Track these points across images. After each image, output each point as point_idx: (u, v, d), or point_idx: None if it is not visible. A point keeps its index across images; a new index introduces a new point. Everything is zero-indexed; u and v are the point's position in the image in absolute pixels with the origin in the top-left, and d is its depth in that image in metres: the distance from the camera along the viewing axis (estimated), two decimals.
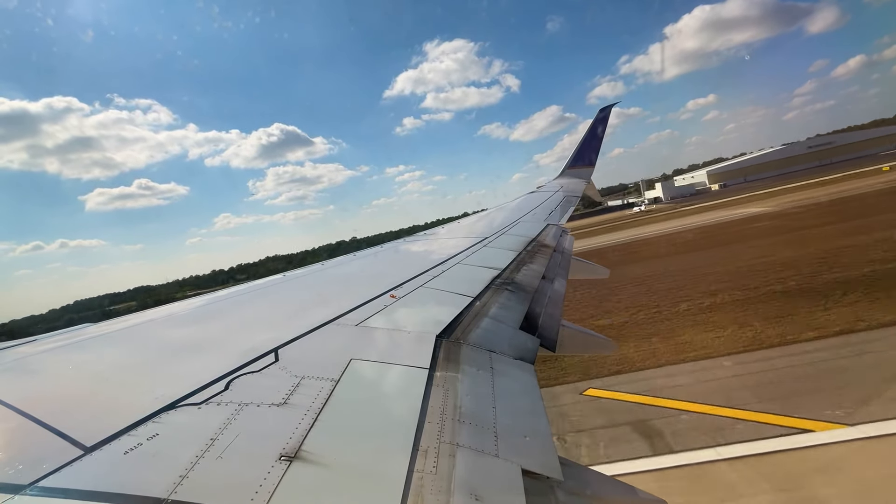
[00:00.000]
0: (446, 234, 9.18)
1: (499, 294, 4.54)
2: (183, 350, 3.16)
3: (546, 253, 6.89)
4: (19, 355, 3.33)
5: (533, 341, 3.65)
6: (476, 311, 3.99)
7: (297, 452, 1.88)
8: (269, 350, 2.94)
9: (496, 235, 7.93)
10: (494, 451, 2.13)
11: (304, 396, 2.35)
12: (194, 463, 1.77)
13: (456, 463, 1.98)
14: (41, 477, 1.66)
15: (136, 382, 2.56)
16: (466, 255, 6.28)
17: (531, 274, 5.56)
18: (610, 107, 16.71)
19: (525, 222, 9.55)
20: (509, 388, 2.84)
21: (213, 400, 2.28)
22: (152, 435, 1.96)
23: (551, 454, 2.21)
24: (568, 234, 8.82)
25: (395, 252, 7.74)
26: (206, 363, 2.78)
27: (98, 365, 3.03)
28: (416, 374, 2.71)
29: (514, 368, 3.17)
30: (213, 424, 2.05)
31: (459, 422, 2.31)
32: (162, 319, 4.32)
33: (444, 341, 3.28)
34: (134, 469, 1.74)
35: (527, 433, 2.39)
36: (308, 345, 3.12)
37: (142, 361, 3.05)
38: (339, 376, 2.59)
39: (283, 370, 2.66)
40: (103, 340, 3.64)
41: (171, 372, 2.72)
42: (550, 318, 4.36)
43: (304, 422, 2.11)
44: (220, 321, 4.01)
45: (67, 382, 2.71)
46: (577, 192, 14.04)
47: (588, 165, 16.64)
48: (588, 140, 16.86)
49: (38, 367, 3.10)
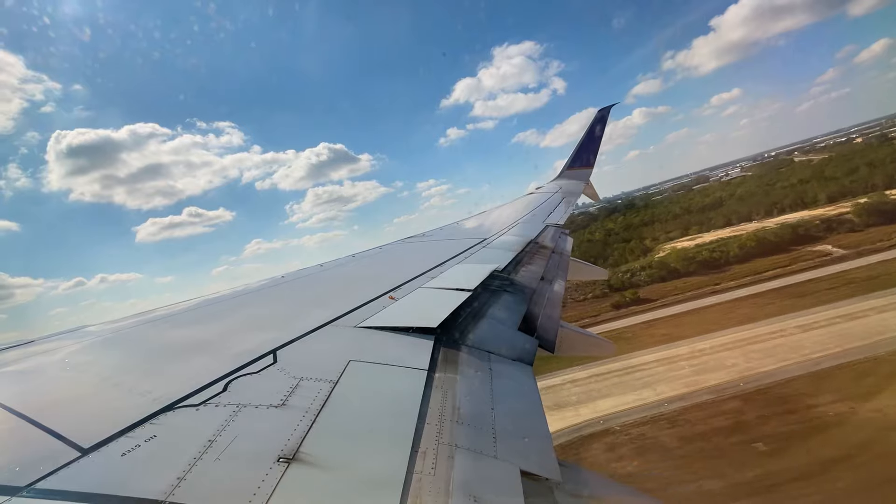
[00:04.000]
0: (445, 236, 9.18)
1: (497, 295, 4.54)
2: (181, 351, 3.15)
3: (545, 254, 6.89)
4: (17, 357, 3.32)
5: (531, 342, 3.65)
6: (475, 313, 3.99)
7: (295, 454, 1.88)
8: (267, 351, 2.93)
9: (495, 237, 7.93)
10: (493, 453, 2.13)
11: (303, 398, 2.34)
12: (192, 465, 1.77)
13: (455, 464, 1.98)
14: (38, 479, 1.66)
15: (133, 384, 2.55)
16: (465, 256, 6.28)
17: (530, 275, 5.56)
18: (608, 108, 16.72)
19: (524, 223, 9.55)
20: (508, 390, 2.84)
21: (211, 401, 2.28)
22: (150, 437, 1.96)
23: (550, 455, 2.21)
24: (567, 235, 8.82)
25: (394, 253, 7.73)
26: (204, 364, 2.78)
27: (96, 366, 3.02)
28: (415, 376, 2.71)
29: (513, 369, 3.17)
30: (211, 426, 2.05)
31: (458, 423, 2.31)
32: (160, 321, 4.31)
33: (443, 343, 3.27)
34: (131, 471, 1.74)
35: (525, 434, 2.40)
36: (307, 346, 3.12)
37: (140, 363, 3.05)
38: (338, 378, 2.59)
39: (282, 371, 2.66)
40: (101, 342, 3.63)
41: (169, 373, 2.72)
42: (549, 319, 4.36)
43: (303, 423, 2.11)
44: (219, 322, 4.00)
45: (65, 384, 2.70)
46: (575, 193, 14.06)
47: (586, 166, 16.65)
48: (586, 141, 16.86)
49: (35, 368, 3.09)
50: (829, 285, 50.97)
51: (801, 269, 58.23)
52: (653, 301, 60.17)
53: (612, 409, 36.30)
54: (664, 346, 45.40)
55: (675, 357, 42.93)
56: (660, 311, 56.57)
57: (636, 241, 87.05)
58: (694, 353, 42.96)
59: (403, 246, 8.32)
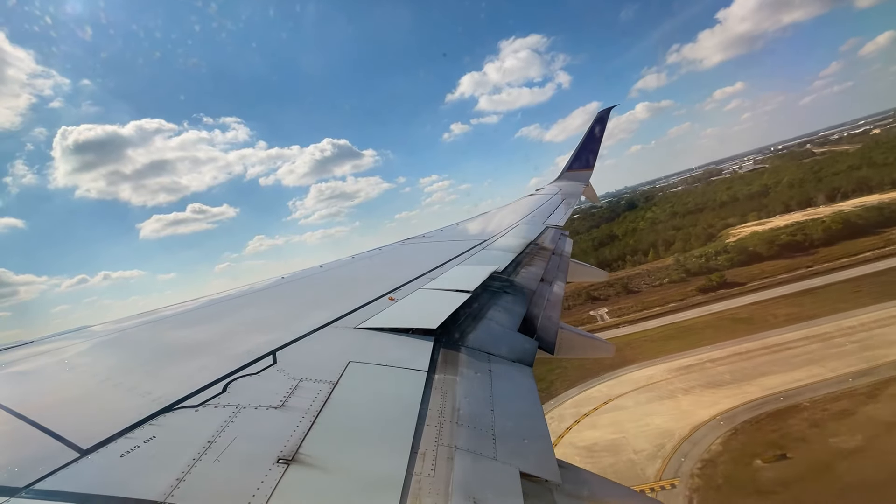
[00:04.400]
0: (446, 237, 9.18)
1: (497, 296, 4.54)
2: (180, 352, 3.15)
3: (545, 255, 6.89)
4: (16, 358, 3.32)
5: (531, 343, 3.64)
6: (474, 314, 3.99)
7: (294, 455, 1.87)
8: (267, 352, 2.93)
9: (495, 238, 7.93)
10: (493, 454, 2.13)
11: (303, 399, 2.34)
12: (191, 466, 1.77)
13: (454, 466, 1.98)
14: (37, 480, 1.65)
15: (133, 385, 2.55)
16: (465, 257, 6.28)
17: (530, 276, 5.56)
18: (608, 110, 16.74)
19: (524, 225, 9.55)
20: (508, 391, 2.84)
21: (210, 402, 2.28)
22: (149, 437, 1.96)
23: (550, 457, 2.21)
24: (567, 237, 8.82)
25: (394, 254, 7.73)
26: (203, 365, 2.78)
27: (95, 367, 3.01)
28: (415, 377, 2.71)
29: (513, 371, 3.17)
30: (210, 427, 2.04)
31: (458, 424, 2.31)
32: (159, 321, 4.31)
33: (443, 344, 3.27)
34: (130, 472, 1.74)
35: (525, 436, 2.39)
36: (306, 347, 3.11)
37: (139, 364, 3.04)
38: (338, 379, 2.59)
39: (282, 372, 2.66)
40: (100, 343, 3.63)
41: (169, 374, 2.72)
42: (549, 321, 4.36)
43: (302, 424, 2.11)
44: (219, 323, 4.00)
45: (64, 385, 2.70)
46: (575, 195, 14.06)
47: (586, 168, 16.65)
48: (586, 143, 16.87)
49: (34, 369, 3.09)
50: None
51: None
52: (743, 284, 58.71)
53: (785, 385, 35.46)
54: (799, 325, 44.25)
55: (823, 335, 41.61)
56: (760, 294, 54.75)
57: (689, 228, 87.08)
58: (843, 329, 41.55)
59: (403, 247, 8.32)
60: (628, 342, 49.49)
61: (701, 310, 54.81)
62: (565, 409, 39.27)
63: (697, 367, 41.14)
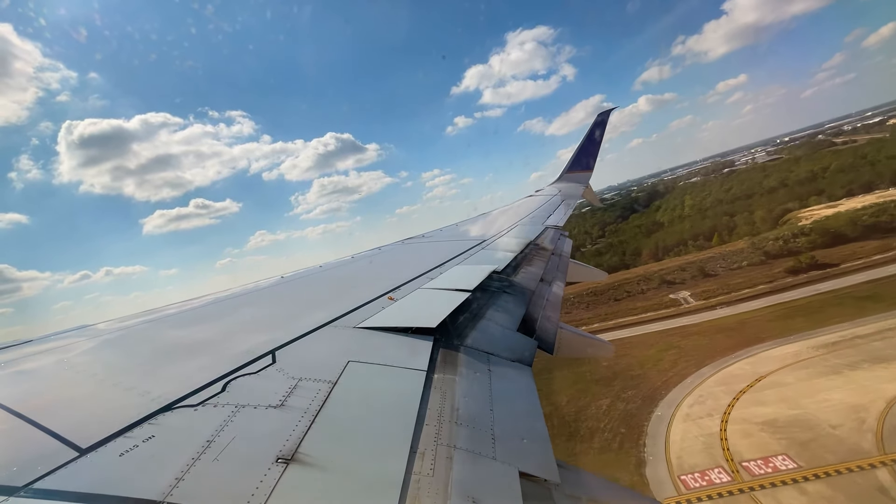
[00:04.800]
0: (445, 237, 9.18)
1: (497, 296, 4.54)
2: (179, 351, 3.14)
3: (544, 256, 6.89)
4: (15, 357, 3.31)
5: (531, 343, 3.64)
6: (474, 313, 3.99)
7: (294, 455, 1.87)
8: (266, 352, 2.93)
9: (494, 238, 7.94)
10: (492, 454, 2.13)
11: (302, 398, 2.34)
12: (190, 465, 1.77)
13: (453, 466, 1.98)
14: (36, 479, 1.65)
15: (132, 384, 2.55)
16: (464, 257, 6.28)
17: (529, 276, 5.57)
18: (608, 112, 16.77)
19: (523, 225, 9.56)
20: (507, 391, 2.84)
21: (209, 402, 2.28)
22: (148, 437, 1.95)
23: (549, 457, 2.21)
24: (566, 237, 8.83)
25: (394, 254, 7.74)
26: (202, 365, 2.77)
27: (94, 366, 3.01)
28: (414, 377, 2.71)
29: (512, 370, 3.17)
30: (209, 426, 2.04)
31: (457, 424, 2.31)
32: (158, 320, 4.30)
33: (442, 343, 3.27)
34: (129, 471, 1.74)
35: (524, 436, 2.39)
36: (306, 347, 3.11)
37: (138, 363, 3.04)
38: (337, 378, 2.59)
39: (281, 372, 2.65)
40: (99, 342, 3.62)
41: (168, 373, 2.71)
42: (548, 321, 4.36)
43: (302, 424, 2.11)
44: (218, 322, 3.99)
45: (63, 384, 2.70)
46: (575, 196, 14.08)
47: (586, 170, 16.68)
48: (586, 144, 16.90)
49: (33, 368, 3.08)
50: None
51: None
52: (836, 265, 56.23)
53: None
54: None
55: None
56: (868, 273, 51.60)
57: (744, 213, 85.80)
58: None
59: (402, 247, 8.33)
60: (741, 321, 47.61)
61: (807, 289, 52.20)
62: (710, 387, 36.85)
63: (846, 343, 38.60)
